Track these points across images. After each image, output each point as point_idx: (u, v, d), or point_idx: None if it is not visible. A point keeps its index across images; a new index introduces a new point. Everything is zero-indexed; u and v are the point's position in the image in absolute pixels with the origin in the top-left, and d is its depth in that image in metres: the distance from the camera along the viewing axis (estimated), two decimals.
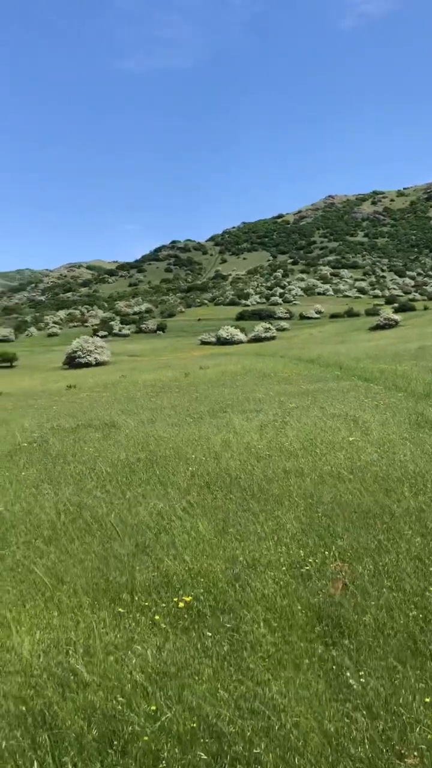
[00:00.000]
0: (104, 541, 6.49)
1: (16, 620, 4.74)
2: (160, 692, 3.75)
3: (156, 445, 12.18)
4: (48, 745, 3.28)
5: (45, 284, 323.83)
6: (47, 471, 10.52)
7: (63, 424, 17.01)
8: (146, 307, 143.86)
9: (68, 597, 5.16)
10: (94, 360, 65.39)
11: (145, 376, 42.28)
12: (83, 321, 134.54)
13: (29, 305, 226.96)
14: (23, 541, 6.63)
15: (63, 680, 3.85)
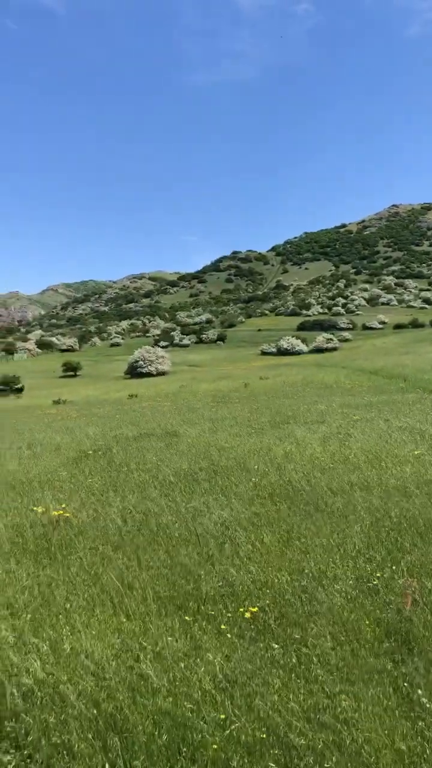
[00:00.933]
0: (170, 549, 6.56)
1: (86, 625, 4.84)
2: (229, 701, 3.77)
3: (218, 455, 12.23)
4: (119, 748, 3.34)
5: (108, 295, 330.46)
6: (111, 478, 10.70)
7: (126, 433, 17.28)
8: (207, 317, 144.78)
9: (136, 603, 5.24)
10: (155, 370, 66.24)
11: (205, 386, 42.54)
12: (145, 331, 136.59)
13: (93, 316, 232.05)
14: (91, 547, 6.77)
15: (133, 685, 3.91)
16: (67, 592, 5.57)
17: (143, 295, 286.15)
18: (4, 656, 4.31)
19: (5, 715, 3.74)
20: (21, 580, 5.88)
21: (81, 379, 72.34)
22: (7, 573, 6.08)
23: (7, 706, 3.80)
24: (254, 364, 68.82)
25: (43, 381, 71.43)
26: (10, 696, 3.85)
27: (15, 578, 5.94)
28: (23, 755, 3.42)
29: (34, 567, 6.29)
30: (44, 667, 4.14)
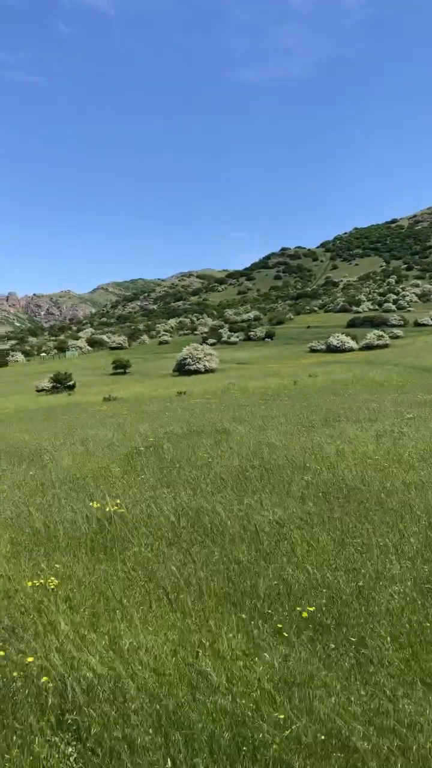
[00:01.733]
0: (225, 547, 6.56)
1: (142, 620, 4.88)
2: (288, 702, 3.73)
3: (269, 453, 12.17)
4: (180, 744, 3.34)
5: (157, 293, 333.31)
6: (163, 475, 10.77)
7: (176, 430, 17.38)
8: (255, 314, 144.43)
9: (192, 600, 5.25)
10: (203, 367, 66.43)
11: (253, 384, 42.46)
12: (193, 329, 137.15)
13: (142, 314, 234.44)
14: (146, 543, 6.82)
15: (192, 682, 3.92)
16: (124, 587, 5.62)
17: (191, 293, 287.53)
18: (64, 650, 4.37)
19: (66, 708, 3.79)
20: (78, 575, 5.97)
21: (130, 376, 73.16)
22: (66, 567, 6.17)
23: (68, 698, 3.85)
24: (303, 362, 68.33)
25: (94, 378, 72.55)
26: (71, 689, 3.90)
27: (73, 573, 6.03)
28: (86, 747, 3.46)
29: (90, 561, 6.37)
30: (103, 661, 4.18)
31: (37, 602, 5.32)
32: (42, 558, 6.51)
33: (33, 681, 4.02)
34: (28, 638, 4.65)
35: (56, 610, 5.12)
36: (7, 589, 5.68)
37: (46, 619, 4.97)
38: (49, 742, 3.52)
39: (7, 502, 9.32)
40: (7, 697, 3.89)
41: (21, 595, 5.49)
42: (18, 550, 6.89)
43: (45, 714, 3.76)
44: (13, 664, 4.25)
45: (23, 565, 6.28)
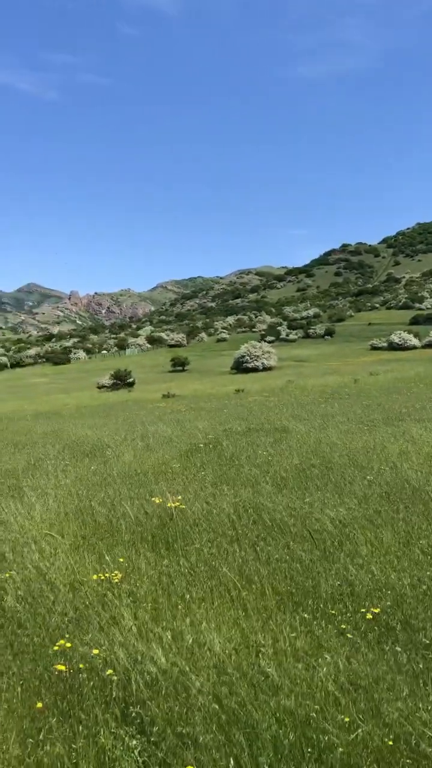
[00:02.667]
0: (286, 545, 6.50)
1: (205, 616, 4.88)
2: (353, 705, 3.66)
3: (329, 451, 12.03)
4: (243, 743, 3.32)
5: (215, 291, 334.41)
6: (223, 472, 10.78)
7: (235, 427, 17.38)
8: (314, 311, 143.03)
9: (254, 598, 5.23)
10: (261, 365, 66.24)
11: (312, 382, 42.08)
12: (251, 326, 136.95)
13: (200, 312, 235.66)
14: (206, 539, 6.83)
15: (255, 681, 3.89)
16: (186, 582, 5.64)
17: (250, 291, 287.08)
18: (128, 643, 4.42)
19: (130, 701, 3.83)
20: (141, 569, 6.03)
21: (188, 373, 73.66)
22: (128, 561, 6.24)
23: (132, 692, 3.89)
24: (363, 360, 67.29)
25: (153, 375, 73.40)
26: (135, 683, 3.94)
27: (135, 567, 6.09)
28: (149, 741, 3.48)
29: (152, 556, 6.43)
30: (167, 656, 4.20)
31: (101, 595, 5.40)
32: (105, 552, 6.61)
33: (98, 673, 4.08)
34: (93, 631, 4.73)
35: (120, 603, 5.18)
36: (72, 581, 5.79)
37: (110, 613, 5.04)
38: (113, 734, 3.56)
39: (71, 496, 9.51)
40: (73, 688, 3.96)
41: (86, 587, 5.59)
42: (81, 543, 7.02)
43: (109, 706, 3.80)
44: (79, 655, 4.32)
45: (87, 559, 6.39)
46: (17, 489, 10.43)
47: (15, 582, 5.85)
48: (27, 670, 4.32)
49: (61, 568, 6.16)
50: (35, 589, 5.71)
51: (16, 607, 5.36)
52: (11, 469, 12.85)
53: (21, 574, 6.04)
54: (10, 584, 5.80)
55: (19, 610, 5.29)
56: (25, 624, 5.02)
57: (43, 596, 5.53)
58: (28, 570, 6.14)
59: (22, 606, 5.37)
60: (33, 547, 6.82)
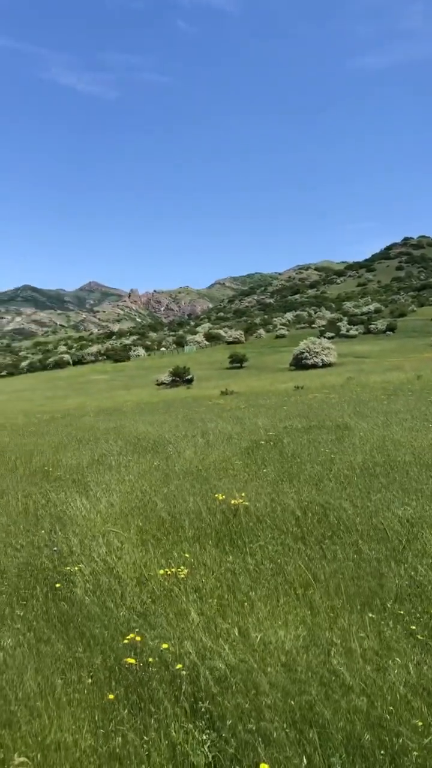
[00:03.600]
0: (353, 544, 6.41)
1: (271, 614, 4.87)
2: (426, 708, 3.58)
3: (394, 449, 11.79)
4: (316, 742, 3.30)
5: (274, 287, 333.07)
6: (285, 469, 10.71)
7: (295, 425, 17.26)
8: (375, 306, 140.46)
9: (320, 597, 5.18)
10: (321, 361, 65.57)
11: (374, 378, 41.39)
12: (310, 322, 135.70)
13: (258, 308, 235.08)
14: (271, 536, 6.81)
15: (325, 680, 3.86)
16: (251, 580, 5.64)
17: (309, 286, 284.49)
18: (196, 638, 4.45)
19: (199, 696, 3.86)
20: (207, 565, 6.06)
21: (247, 370, 73.62)
22: (193, 557, 6.29)
23: (201, 687, 3.92)
24: (427, 355, 65.71)
25: (211, 372, 73.70)
26: (204, 678, 3.96)
27: (200, 563, 6.14)
28: (220, 737, 3.50)
29: (217, 553, 6.46)
30: (235, 652, 4.21)
31: (168, 590, 5.46)
32: (170, 547, 6.68)
33: (167, 667, 4.12)
34: (161, 625, 4.79)
35: (186, 599, 5.22)
36: (139, 575, 5.88)
37: (176, 608, 5.09)
38: (183, 728, 3.60)
39: (135, 492, 9.65)
40: (143, 681, 4.02)
41: (152, 582, 5.67)
42: (146, 538, 7.11)
43: (179, 700, 3.84)
44: (148, 649, 4.38)
45: (153, 553, 6.48)
46: (83, 484, 10.66)
47: (83, 575, 5.98)
48: (97, 662, 4.41)
49: (127, 562, 6.26)
50: (103, 582, 5.82)
51: (86, 599, 5.48)
52: (76, 464, 13.14)
53: (89, 567, 6.18)
54: (79, 577, 5.93)
55: (88, 602, 5.41)
56: (95, 616, 5.13)
57: (111, 589, 5.64)
58: (95, 563, 6.27)
59: (91, 598, 5.49)
60: (100, 540, 6.96)
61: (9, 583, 6.14)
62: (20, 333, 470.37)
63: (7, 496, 10.30)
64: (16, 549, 7.19)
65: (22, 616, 5.31)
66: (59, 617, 5.26)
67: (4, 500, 10.01)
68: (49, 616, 5.30)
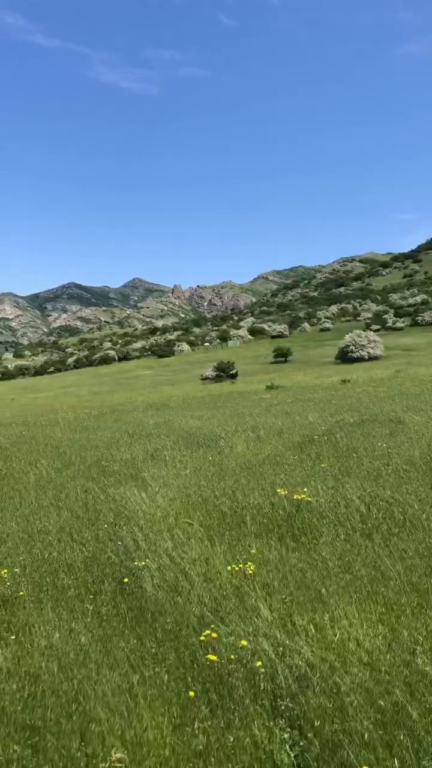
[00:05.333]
0: (422, 540, 6.27)
1: (344, 612, 4.78)
2: None
3: None
4: (407, 745, 3.22)
5: (318, 280, 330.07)
6: (341, 464, 10.57)
7: (347, 419, 17.05)
8: (422, 298, 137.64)
9: (393, 594, 5.08)
10: (367, 354, 64.72)
11: (423, 371, 40.66)
12: (355, 315, 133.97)
13: (302, 301, 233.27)
14: (335, 532, 6.71)
15: (409, 680, 3.76)
16: (320, 576, 5.56)
17: (353, 278, 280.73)
18: (271, 635, 4.41)
19: (279, 694, 3.81)
20: (272, 561, 6.01)
21: (291, 364, 73.13)
22: (259, 553, 6.24)
23: (280, 685, 3.87)
24: None
25: (255, 367, 73.48)
26: (283, 676, 3.92)
27: (267, 559, 6.09)
28: (302, 736, 3.46)
29: (282, 549, 6.40)
30: (313, 650, 4.16)
31: (236, 587, 5.43)
32: (235, 542, 6.65)
33: (245, 664, 4.09)
34: (234, 621, 4.76)
35: (255, 595, 5.18)
36: (206, 571, 5.87)
37: (246, 604, 5.06)
38: (266, 726, 3.56)
39: (192, 487, 9.66)
40: (222, 678, 3.99)
41: (220, 578, 5.64)
42: (210, 534, 7.09)
43: (258, 698, 3.80)
44: (223, 646, 4.35)
45: (219, 549, 6.46)
46: (139, 479, 10.72)
47: (151, 570, 6.00)
48: (171, 658, 4.41)
49: (193, 557, 6.25)
50: (171, 577, 5.83)
51: (156, 595, 5.49)
52: (130, 459, 13.24)
53: (156, 563, 6.19)
54: (147, 573, 5.95)
55: (158, 598, 5.43)
56: (166, 612, 5.14)
57: (179, 585, 5.64)
58: (162, 558, 6.28)
59: (161, 594, 5.50)
60: (165, 535, 6.97)
61: (77, 578, 6.20)
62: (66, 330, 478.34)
63: (67, 490, 10.44)
64: (81, 543, 7.27)
65: (92, 611, 5.36)
66: (130, 612, 5.28)
67: (64, 494, 10.15)
68: (120, 611, 5.33)
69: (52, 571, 6.39)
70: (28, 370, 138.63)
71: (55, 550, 7.07)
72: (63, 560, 6.71)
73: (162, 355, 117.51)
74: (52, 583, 6.07)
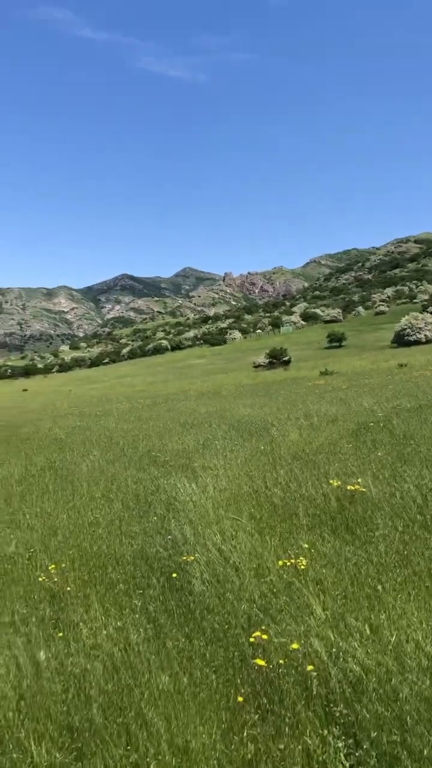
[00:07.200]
0: None
1: (402, 611, 4.51)
2: None
3: None
4: None
5: (372, 262, 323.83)
6: (398, 452, 10.19)
7: (404, 404, 16.54)
8: None
9: None
10: (424, 337, 63.05)
11: None
12: (411, 297, 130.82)
13: (356, 285, 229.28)
14: (392, 525, 6.41)
15: None
16: (376, 571, 5.29)
17: (409, 260, 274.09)
18: (324, 636, 4.18)
19: (332, 700, 3.60)
20: (326, 556, 5.77)
21: (346, 349, 71.98)
22: (312, 547, 6.01)
23: (333, 690, 3.66)
24: None
25: (309, 353, 72.66)
26: (337, 681, 3.70)
27: (320, 553, 5.84)
28: (357, 745, 3.24)
29: (336, 542, 6.14)
30: (368, 653, 3.91)
31: (287, 582, 5.21)
32: (286, 536, 6.44)
33: (296, 668, 3.88)
34: (284, 620, 4.55)
35: (308, 592, 4.96)
36: (256, 566, 5.67)
37: (298, 602, 4.85)
38: (318, 734, 3.36)
39: (242, 477, 9.48)
40: (272, 682, 3.80)
41: (271, 573, 5.44)
42: (260, 526, 6.90)
43: (310, 704, 3.60)
44: (273, 647, 4.16)
45: (269, 542, 6.25)
46: (190, 469, 10.62)
47: (200, 565, 5.84)
48: (220, 658, 4.24)
49: (243, 551, 6.07)
50: (220, 572, 5.66)
51: (204, 591, 5.34)
52: (182, 449, 13.16)
53: (205, 557, 6.03)
54: (195, 567, 5.80)
55: (206, 594, 5.27)
56: (214, 609, 4.97)
57: (229, 581, 5.46)
58: (211, 553, 6.11)
59: (209, 590, 5.34)
60: (214, 528, 6.81)
61: (125, 572, 6.12)
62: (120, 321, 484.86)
63: (118, 482, 10.43)
64: (130, 537, 7.19)
65: (140, 607, 5.24)
66: (178, 609, 5.15)
67: (115, 486, 10.13)
68: (168, 607, 5.20)
69: (100, 566, 6.33)
70: (84, 362, 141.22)
71: (104, 544, 7.01)
72: (111, 554, 6.64)
73: (214, 344, 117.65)
74: (100, 578, 6.00)
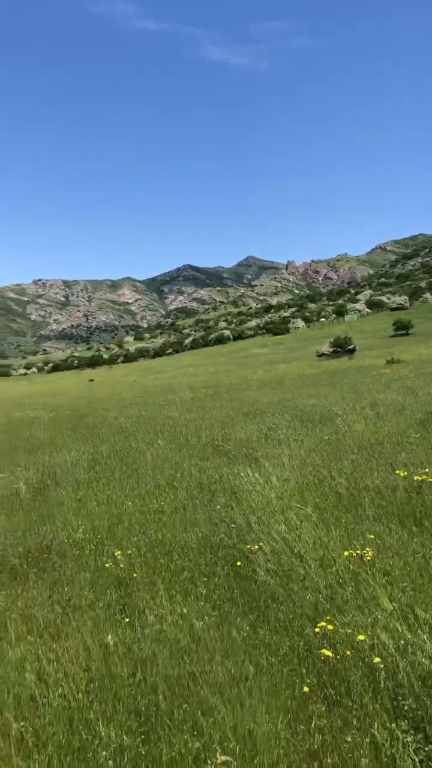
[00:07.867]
0: None
1: None
2: None
3: None
4: None
5: None
6: None
7: None
8: None
9: None
10: None
11: None
12: None
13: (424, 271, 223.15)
14: None
15: None
16: None
17: None
18: (391, 628, 4.10)
19: (401, 693, 3.53)
20: (392, 547, 5.65)
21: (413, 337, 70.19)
22: (378, 538, 5.90)
23: (402, 683, 3.58)
24: None
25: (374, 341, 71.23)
26: (405, 674, 3.63)
27: (387, 544, 5.74)
28: (427, 740, 3.17)
29: (402, 533, 6.01)
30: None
31: (354, 573, 5.14)
32: (352, 526, 6.35)
33: (364, 660, 3.83)
34: (350, 611, 4.49)
35: (374, 583, 4.88)
36: (322, 556, 5.61)
37: (365, 593, 4.77)
38: (386, 727, 3.30)
39: (307, 467, 9.39)
40: (338, 673, 3.76)
41: (337, 564, 5.38)
42: (325, 517, 6.82)
43: (378, 697, 3.54)
44: (339, 638, 4.11)
45: (334, 533, 6.18)
46: (253, 458, 10.60)
47: (265, 554, 5.83)
48: (285, 648, 4.22)
49: (308, 541, 6.01)
50: (285, 562, 5.63)
51: (269, 580, 5.33)
52: (245, 438, 13.15)
53: (269, 546, 6.01)
54: (260, 556, 5.79)
55: (271, 583, 5.26)
56: (279, 598, 4.96)
57: (294, 570, 5.43)
58: (275, 542, 6.09)
59: (274, 579, 5.33)
60: (278, 517, 6.78)
61: (190, 559, 6.17)
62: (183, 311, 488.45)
63: (182, 470, 10.52)
64: (194, 525, 7.24)
65: (205, 595, 5.28)
66: (242, 597, 5.15)
67: (179, 474, 10.23)
68: (232, 595, 5.21)
69: (165, 553, 6.40)
70: (147, 352, 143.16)
71: (169, 532, 7.09)
72: (177, 541, 6.70)
73: (276, 333, 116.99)
74: (166, 565, 6.06)
